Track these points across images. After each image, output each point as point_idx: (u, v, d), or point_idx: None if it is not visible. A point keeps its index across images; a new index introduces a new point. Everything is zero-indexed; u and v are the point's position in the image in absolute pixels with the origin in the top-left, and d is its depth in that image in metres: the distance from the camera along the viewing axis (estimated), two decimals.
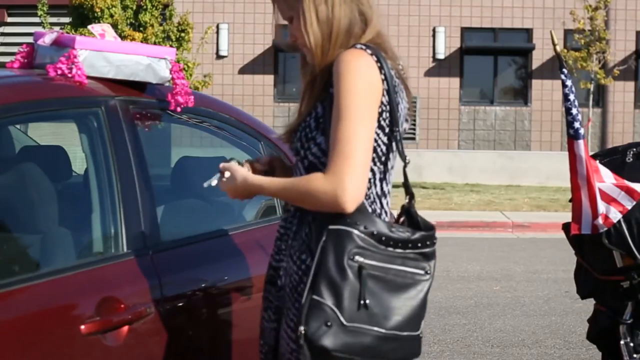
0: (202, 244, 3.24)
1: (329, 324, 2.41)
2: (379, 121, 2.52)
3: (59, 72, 3.01)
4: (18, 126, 3.61)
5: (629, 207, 4.03)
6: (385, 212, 2.62)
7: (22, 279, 2.73)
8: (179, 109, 3.23)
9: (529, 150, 21.09)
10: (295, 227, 2.60)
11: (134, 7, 16.26)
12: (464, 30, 21.20)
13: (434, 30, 21.04)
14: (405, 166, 2.61)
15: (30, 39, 3.42)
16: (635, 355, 4.18)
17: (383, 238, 2.47)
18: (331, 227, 2.46)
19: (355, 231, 2.46)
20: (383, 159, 2.59)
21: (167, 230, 3.16)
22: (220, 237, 3.30)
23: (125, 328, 2.81)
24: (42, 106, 2.96)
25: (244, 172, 2.64)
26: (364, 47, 2.53)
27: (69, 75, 3.01)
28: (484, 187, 19.67)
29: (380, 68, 2.51)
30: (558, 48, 4.14)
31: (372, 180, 2.57)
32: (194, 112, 3.36)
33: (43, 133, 4.06)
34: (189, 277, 3.05)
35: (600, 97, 20.78)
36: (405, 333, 2.48)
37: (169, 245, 3.09)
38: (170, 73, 3.22)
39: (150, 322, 2.87)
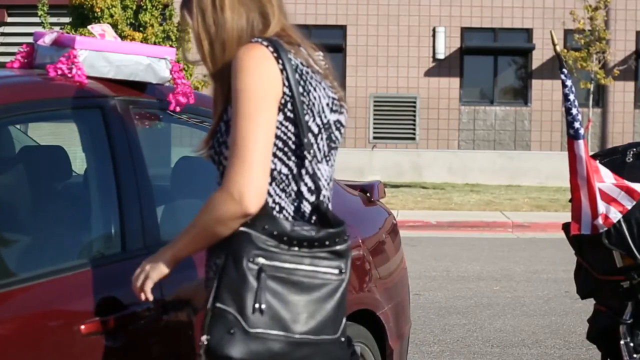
0: None
1: (232, 331, 2.31)
2: (284, 113, 2.40)
3: (59, 72, 3.01)
4: (18, 126, 3.61)
5: (629, 207, 4.04)
6: (316, 209, 2.48)
7: (21, 279, 2.73)
8: (178, 109, 3.23)
9: (529, 150, 21.09)
10: None
11: (134, 7, 16.26)
12: (464, 30, 21.20)
13: (434, 30, 21.04)
14: (310, 160, 2.44)
15: (30, 39, 3.42)
16: (635, 355, 4.18)
17: (285, 238, 2.35)
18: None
19: (254, 232, 2.34)
20: (299, 152, 2.44)
21: (167, 230, 3.15)
22: None
23: (125, 328, 2.81)
24: (43, 106, 2.96)
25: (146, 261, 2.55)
26: (260, 39, 2.41)
27: (69, 75, 3.02)
28: (484, 187, 19.67)
29: (277, 58, 2.38)
30: (558, 48, 4.14)
31: (288, 177, 2.45)
32: (194, 112, 3.36)
33: (43, 133, 4.06)
34: (188, 277, 3.05)
35: (600, 97, 20.78)
36: (320, 337, 2.36)
37: None
38: (171, 73, 3.22)
39: (150, 322, 2.87)
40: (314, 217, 2.46)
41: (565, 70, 4.12)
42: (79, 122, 3.17)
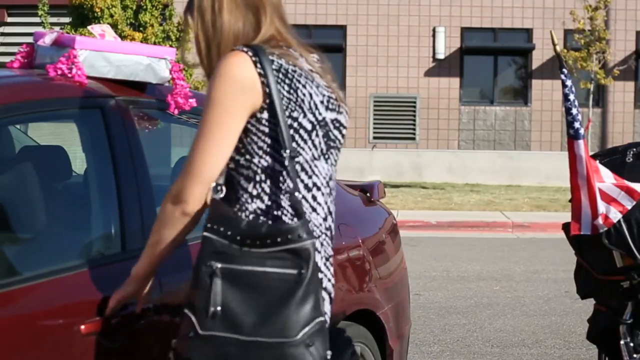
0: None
1: (190, 334, 2.36)
2: (269, 111, 2.44)
3: (59, 72, 3.01)
4: (18, 126, 3.61)
5: (629, 207, 4.04)
6: (313, 208, 2.51)
7: (22, 279, 2.73)
8: (176, 112, 3.23)
9: (529, 150, 21.09)
10: None
11: (134, 7, 16.26)
12: (464, 30, 21.21)
13: (434, 30, 21.04)
14: (290, 158, 2.44)
15: (30, 39, 3.42)
16: (635, 355, 4.18)
17: (238, 238, 2.36)
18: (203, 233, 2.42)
19: (211, 235, 2.38)
20: (280, 150, 2.46)
21: None
22: None
23: (126, 328, 2.81)
24: (43, 106, 2.97)
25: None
26: (241, 47, 2.46)
27: (69, 75, 3.01)
28: (484, 187, 19.68)
29: (256, 62, 2.42)
30: (558, 48, 4.14)
31: (282, 173, 2.46)
32: (194, 112, 3.36)
33: (43, 133, 4.06)
34: (188, 276, 3.06)
35: (600, 97, 20.78)
36: (273, 339, 2.32)
37: None
38: (171, 73, 3.22)
39: (151, 322, 2.87)
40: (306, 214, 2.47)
41: (565, 70, 4.12)
42: (79, 122, 3.17)
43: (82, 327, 2.70)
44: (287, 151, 2.42)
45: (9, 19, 20.88)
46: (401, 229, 5.09)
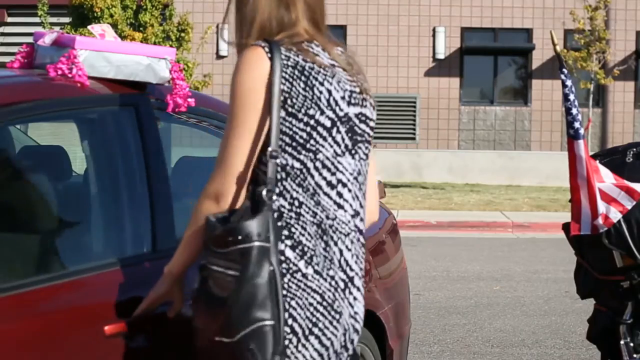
0: None
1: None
2: (285, 109, 2.46)
3: (59, 72, 3.01)
4: (18, 126, 3.60)
5: (629, 207, 4.03)
6: (338, 205, 2.52)
7: (46, 278, 2.71)
8: (176, 111, 3.23)
9: (529, 150, 21.10)
10: None
11: (134, 7, 16.27)
12: (464, 30, 21.21)
13: (434, 30, 21.05)
14: (271, 157, 2.47)
15: (30, 39, 3.42)
16: (635, 355, 4.18)
17: (206, 237, 2.44)
18: None
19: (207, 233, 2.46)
20: (309, 145, 2.49)
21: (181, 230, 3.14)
22: None
23: (152, 329, 2.77)
24: (77, 104, 2.98)
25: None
26: (259, 42, 2.50)
27: (69, 75, 3.01)
28: (484, 187, 19.68)
29: (271, 59, 2.45)
30: (558, 48, 4.14)
31: (302, 171, 2.48)
32: (194, 112, 3.36)
33: (43, 133, 4.05)
34: None
35: (600, 97, 20.78)
36: (215, 338, 2.38)
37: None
38: (170, 73, 3.22)
39: (178, 324, 2.82)
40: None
41: (565, 70, 4.12)
42: (114, 121, 3.15)
43: (106, 327, 2.67)
44: (269, 149, 2.43)
45: (9, 19, 20.88)
46: (401, 229, 5.09)
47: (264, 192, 2.40)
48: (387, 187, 15.33)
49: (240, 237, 2.35)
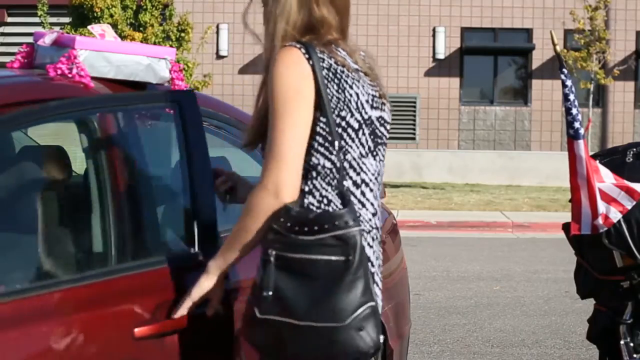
0: None
1: (250, 318, 2.49)
2: (320, 110, 2.54)
3: (60, 72, 3.01)
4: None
5: (629, 207, 4.03)
6: (362, 203, 2.60)
7: (75, 279, 2.68)
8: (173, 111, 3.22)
9: (529, 150, 21.10)
10: None
11: (134, 7, 16.27)
12: (464, 30, 21.21)
13: (434, 30, 21.05)
14: (338, 151, 2.56)
15: (30, 39, 3.42)
16: (635, 355, 4.18)
17: (289, 225, 2.46)
18: None
19: (274, 225, 2.47)
20: (338, 146, 2.57)
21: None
22: None
23: (185, 332, 2.72)
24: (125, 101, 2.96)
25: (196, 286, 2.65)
26: (293, 43, 2.57)
27: (70, 75, 3.01)
28: (484, 187, 19.68)
29: (309, 59, 2.53)
30: (558, 48, 4.14)
31: (332, 170, 2.55)
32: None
33: (43, 133, 4.05)
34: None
35: (600, 97, 20.78)
36: (323, 324, 2.41)
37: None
38: (170, 73, 3.22)
39: (215, 326, 2.78)
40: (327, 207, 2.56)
41: (565, 70, 4.11)
42: (160, 117, 3.12)
43: (137, 330, 2.62)
44: (336, 143, 2.52)
45: (9, 19, 20.88)
46: (401, 229, 5.09)
47: (344, 186, 2.52)
48: (387, 187, 15.32)
49: (338, 223, 2.43)
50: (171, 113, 3.09)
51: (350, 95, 2.58)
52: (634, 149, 4.24)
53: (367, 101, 2.63)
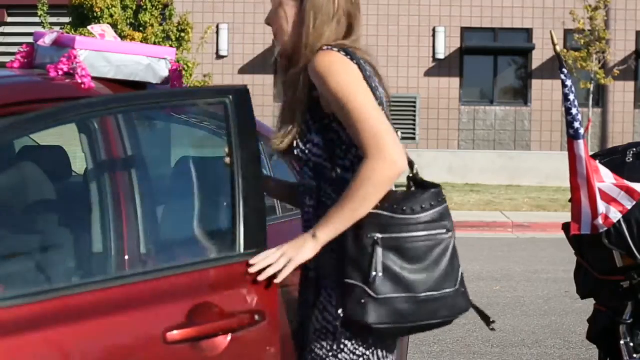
0: None
1: (362, 301, 2.55)
2: None
3: (60, 72, 3.01)
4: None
5: (629, 207, 4.03)
6: (414, 180, 2.79)
7: (115, 278, 2.64)
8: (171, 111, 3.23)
9: (529, 150, 21.09)
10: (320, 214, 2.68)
11: (134, 7, 16.27)
12: (464, 30, 21.20)
13: (434, 30, 21.04)
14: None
15: (30, 39, 3.42)
16: (635, 355, 4.18)
17: (395, 207, 2.58)
18: None
19: (377, 207, 2.58)
20: None
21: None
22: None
23: (225, 337, 2.64)
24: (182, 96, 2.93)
25: (290, 244, 2.63)
26: (329, 47, 2.67)
27: (76, 75, 3.00)
28: (484, 187, 19.68)
29: (351, 59, 2.66)
30: (558, 48, 4.14)
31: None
32: (194, 112, 3.36)
33: (48, 133, 4.05)
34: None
35: (600, 97, 20.78)
36: (441, 292, 2.61)
37: None
38: (170, 73, 3.22)
39: (259, 331, 2.70)
40: (413, 188, 2.74)
41: (565, 70, 4.11)
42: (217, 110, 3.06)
43: (170, 333, 2.54)
44: (399, 132, 2.66)
45: (9, 19, 20.88)
46: None
47: (411, 170, 2.73)
48: None
49: (440, 200, 2.65)
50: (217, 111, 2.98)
51: (381, 94, 2.73)
52: (634, 149, 4.24)
53: (386, 101, 2.78)
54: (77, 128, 2.95)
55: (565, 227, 4.30)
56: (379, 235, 2.56)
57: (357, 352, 2.64)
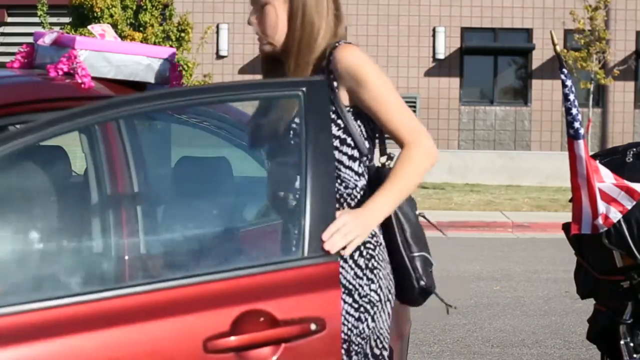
0: None
1: (430, 270, 2.87)
2: None
3: (60, 72, 3.01)
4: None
5: (629, 207, 4.03)
6: None
7: (163, 280, 2.52)
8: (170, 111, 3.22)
9: (529, 150, 21.09)
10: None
11: (134, 7, 16.27)
12: (464, 30, 21.21)
13: (434, 30, 21.04)
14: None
15: (30, 39, 3.42)
16: (635, 355, 4.18)
17: None
18: None
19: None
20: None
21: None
22: None
23: (276, 347, 2.49)
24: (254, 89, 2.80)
25: (348, 213, 2.64)
26: (344, 42, 2.80)
27: (78, 75, 3.00)
28: (484, 187, 19.67)
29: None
30: (558, 48, 4.14)
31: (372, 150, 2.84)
32: (194, 112, 3.36)
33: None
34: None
35: (600, 97, 20.78)
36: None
37: None
38: (169, 73, 3.22)
39: (318, 341, 2.53)
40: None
41: (565, 70, 4.11)
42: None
43: (213, 342, 2.43)
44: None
45: (9, 19, 20.88)
46: None
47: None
48: None
49: None
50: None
51: None
52: (634, 149, 4.24)
53: None
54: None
55: (566, 227, 4.30)
56: (419, 211, 2.87)
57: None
